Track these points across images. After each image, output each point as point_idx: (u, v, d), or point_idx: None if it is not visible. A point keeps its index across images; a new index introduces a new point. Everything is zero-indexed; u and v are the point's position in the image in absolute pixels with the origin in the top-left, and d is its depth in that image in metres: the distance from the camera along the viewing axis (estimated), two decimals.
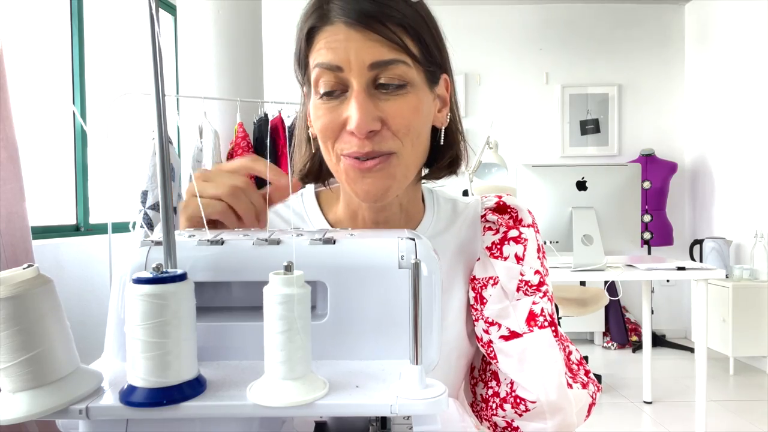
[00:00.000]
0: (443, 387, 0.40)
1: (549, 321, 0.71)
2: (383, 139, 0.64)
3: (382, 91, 0.63)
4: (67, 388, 0.38)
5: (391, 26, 0.62)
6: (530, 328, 0.71)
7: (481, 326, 0.73)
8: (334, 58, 0.62)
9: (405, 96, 0.64)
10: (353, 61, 0.61)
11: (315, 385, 0.39)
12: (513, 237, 0.74)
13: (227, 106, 3.07)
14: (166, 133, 0.42)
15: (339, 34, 0.62)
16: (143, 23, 0.44)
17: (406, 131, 0.64)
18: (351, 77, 0.62)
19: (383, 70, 0.62)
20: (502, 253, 0.74)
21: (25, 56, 2.57)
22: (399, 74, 0.63)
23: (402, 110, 0.63)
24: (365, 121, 0.61)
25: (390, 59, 0.62)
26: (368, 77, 0.62)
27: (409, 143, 0.65)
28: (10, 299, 0.36)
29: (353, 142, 0.63)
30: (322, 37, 0.63)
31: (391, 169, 0.65)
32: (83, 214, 2.88)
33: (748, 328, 3.42)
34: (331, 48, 0.62)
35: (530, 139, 4.59)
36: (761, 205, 3.70)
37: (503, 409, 0.71)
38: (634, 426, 2.82)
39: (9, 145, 1.77)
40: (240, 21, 3.20)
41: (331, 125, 0.64)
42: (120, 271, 0.47)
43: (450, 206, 0.80)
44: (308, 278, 0.40)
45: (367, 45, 0.61)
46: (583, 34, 4.60)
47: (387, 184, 0.66)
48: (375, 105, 0.62)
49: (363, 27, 0.61)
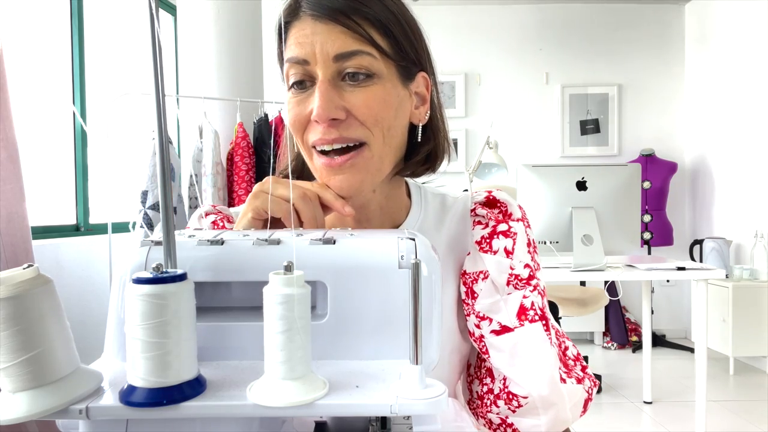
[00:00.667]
0: (443, 387, 0.40)
1: (540, 315, 0.71)
2: (350, 126, 0.65)
3: (348, 83, 0.64)
4: (67, 388, 0.38)
5: (357, 19, 0.63)
6: (521, 323, 0.70)
7: (473, 321, 0.72)
8: (300, 51, 0.64)
9: (371, 87, 0.65)
10: (318, 53, 0.63)
11: (315, 385, 0.39)
12: (502, 231, 0.74)
13: (227, 106, 3.07)
14: (166, 133, 0.42)
15: (306, 29, 0.64)
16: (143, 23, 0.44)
17: (374, 121, 0.65)
18: (317, 69, 0.64)
19: (347, 60, 0.63)
20: (491, 247, 0.73)
21: (25, 56, 2.57)
22: (364, 65, 0.64)
23: (367, 100, 0.64)
24: (326, 108, 0.62)
25: (354, 50, 0.63)
26: (333, 69, 0.64)
27: (380, 134, 0.66)
28: (10, 299, 0.36)
29: (318, 132, 0.65)
30: (292, 33, 0.66)
31: (362, 163, 0.66)
32: (83, 214, 2.88)
33: (748, 328, 3.42)
34: (299, 42, 0.64)
35: (530, 139, 4.59)
36: (761, 205, 3.70)
37: (497, 405, 0.70)
38: (634, 426, 2.82)
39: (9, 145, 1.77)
40: (240, 21, 3.20)
41: (298, 117, 0.66)
42: (120, 271, 0.47)
43: (438, 201, 0.79)
44: (308, 278, 0.40)
45: (331, 37, 0.63)
46: (583, 34, 4.60)
47: (359, 178, 0.66)
48: (339, 95, 0.64)
49: (328, 19, 0.63)
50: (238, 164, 2.96)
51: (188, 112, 3.03)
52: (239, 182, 2.96)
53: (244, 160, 2.97)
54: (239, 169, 2.96)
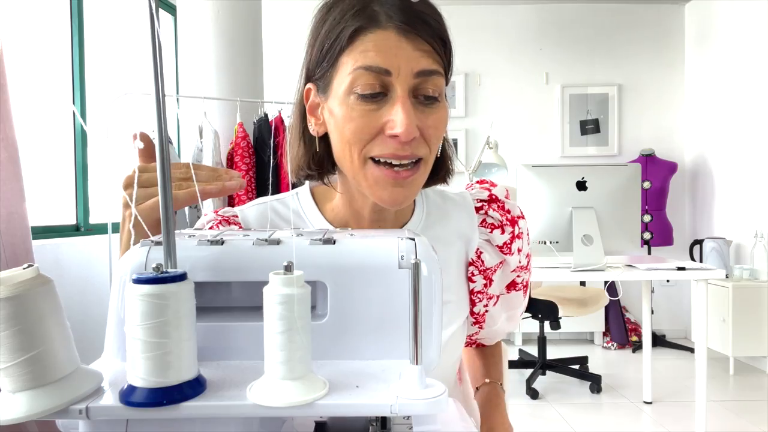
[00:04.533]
0: (443, 387, 0.40)
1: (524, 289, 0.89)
2: (419, 145, 0.66)
3: (419, 101, 0.65)
4: (67, 388, 0.38)
5: (436, 39, 0.65)
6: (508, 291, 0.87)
7: (482, 304, 0.84)
8: (384, 61, 0.63)
9: (439, 108, 0.67)
10: (402, 68, 0.63)
11: (315, 385, 0.39)
12: (517, 234, 0.83)
13: (227, 106, 3.07)
14: (166, 133, 0.42)
15: (390, 39, 0.63)
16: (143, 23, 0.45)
17: (436, 142, 0.68)
18: (396, 83, 0.63)
19: (425, 80, 0.64)
20: (510, 251, 0.83)
21: (25, 56, 2.57)
22: (436, 85, 0.66)
23: (436, 122, 0.66)
24: (412, 126, 0.63)
25: (433, 69, 0.65)
26: (411, 84, 0.64)
27: (434, 153, 0.69)
28: (10, 299, 0.36)
29: (391, 146, 0.64)
30: (370, 39, 0.63)
31: (419, 179, 0.69)
32: (83, 214, 2.88)
33: (748, 328, 3.42)
34: (381, 51, 0.63)
35: (530, 139, 4.58)
36: (761, 205, 3.70)
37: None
38: (634, 426, 2.82)
39: (9, 145, 1.77)
40: (240, 21, 3.20)
41: (367, 128, 0.64)
42: (120, 271, 0.47)
43: (438, 196, 0.84)
44: (308, 278, 0.40)
45: (415, 54, 0.63)
46: (583, 34, 4.59)
47: (412, 192, 0.69)
48: (415, 113, 0.64)
49: (414, 35, 0.63)
50: (238, 164, 2.96)
51: (188, 112, 3.03)
52: None
53: (244, 160, 2.97)
54: (239, 169, 2.96)
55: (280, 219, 0.78)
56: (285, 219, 0.78)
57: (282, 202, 0.80)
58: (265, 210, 0.78)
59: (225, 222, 0.76)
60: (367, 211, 0.74)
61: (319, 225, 0.77)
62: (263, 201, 0.81)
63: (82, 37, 2.91)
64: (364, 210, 0.74)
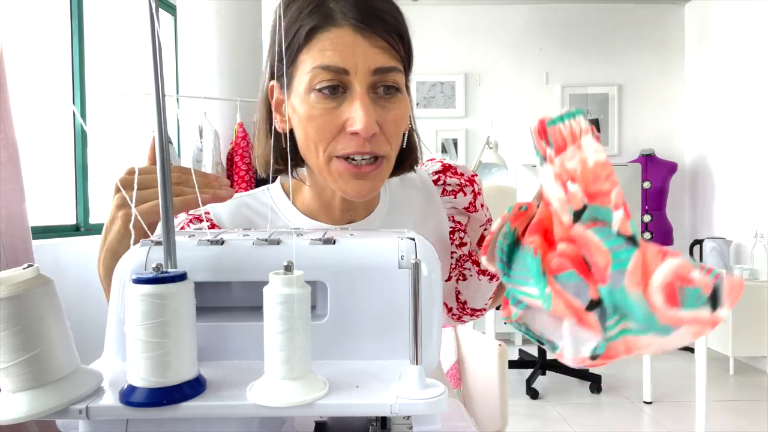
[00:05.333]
0: (443, 387, 0.40)
1: None
2: (379, 142, 0.67)
3: (379, 96, 0.66)
4: (67, 388, 0.38)
5: (393, 35, 0.65)
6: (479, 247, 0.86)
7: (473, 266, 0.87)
8: (341, 60, 0.63)
9: (398, 103, 0.67)
10: (360, 65, 0.63)
11: (315, 385, 0.39)
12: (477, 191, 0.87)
13: (227, 106, 3.07)
14: (166, 133, 0.42)
15: (346, 38, 0.63)
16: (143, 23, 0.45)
17: (396, 137, 0.69)
18: (354, 80, 0.64)
19: (383, 76, 0.65)
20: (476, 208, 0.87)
21: (25, 56, 2.57)
22: (395, 81, 0.66)
23: (396, 116, 0.67)
24: (371, 122, 0.63)
25: (390, 66, 0.65)
26: (369, 81, 0.64)
27: (395, 147, 0.70)
28: (10, 299, 0.36)
29: (352, 144, 0.65)
30: (327, 38, 0.64)
31: (382, 173, 0.69)
32: (83, 214, 2.88)
33: (748, 328, 3.42)
34: (338, 50, 0.63)
35: (530, 139, 4.57)
36: (761, 205, 3.70)
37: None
38: (634, 426, 2.82)
39: (9, 145, 1.77)
40: (240, 21, 3.20)
41: (329, 126, 0.65)
42: (120, 271, 0.47)
43: (398, 182, 0.85)
44: (308, 278, 0.40)
45: (372, 51, 0.64)
46: (583, 34, 4.59)
47: (377, 185, 0.70)
48: (374, 109, 0.65)
49: (371, 32, 0.63)
50: (238, 164, 2.96)
51: (188, 112, 3.03)
52: (239, 182, 2.95)
53: (244, 160, 2.97)
54: (239, 169, 2.96)
55: (253, 213, 0.79)
56: (258, 213, 0.79)
57: (254, 197, 0.81)
58: (237, 206, 0.79)
59: (196, 220, 0.76)
60: (336, 202, 0.76)
61: (293, 217, 0.78)
62: (235, 197, 0.81)
63: (82, 37, 2.91)
64: (333, 201, 0.76)
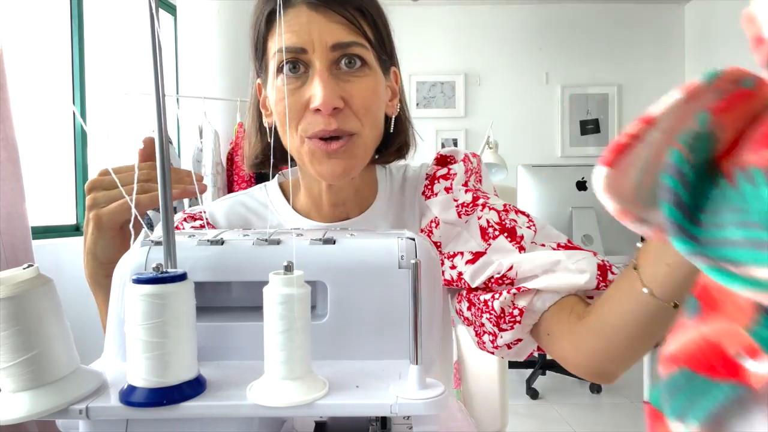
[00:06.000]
0: (443, 387, 0.40)
1: (500, 228, 0.70)
2: (346, 118, 0.66)
3: (342, 71, 0.65)
4: (67, 388, 0.38)
5: (351, 10, 0.64)
6: (487, 243, 0.70)
7: (447, 267, 0.71)
8: (297, 40, 0.64)
9: (365, 78, 0.66)
10: (316, 42, 0.63)
11: (315, 385, 0.39)
12: (441, 175, 0.76)
13: (227, 106, 3.07)
14: (166, 133, 0.42)
15: (301, 17, 0.64)
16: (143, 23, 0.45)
17: (366, 112, 0.67)
18: (314, 58, 0.64)
19: (344, 51, 0.64)
20: (433, 191, 0.75)
21: (25, 56, 2.57)
22: (359, 55, 0.65)
23: (362, 91, 0.66)
24: (330, 97, 0.63)
25: (350, 41, 0.64)
26: (330, 58, 0.64)
27: (368, 125, 0.68)
28: (10, 299, 0.36)
29: (318, 121, 0.65)
30: (284, 21, 0.65)
31: (354, 150, 0.67)
32: (83, 214, 2.88)
33: None
34: (294, 31, 0.64)
35: (530, 139, 4.58)
36: None
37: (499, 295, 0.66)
38: (634, 426, 2.82)
39: (9, 145, 1.77)
40: (240, 21, 3.20)
41: (294, 106, 0.65)
42: (120, 271, 0.47)
43: (401, 174, 0.81)
44: (308, 278, 0.40)
45: (329, 27, 0.64)
46: (583, 34, 4.59)
47: (350, 164, 0.68)
48: (337, 84, 0.64)
49: (325, 8, 0.63)
50: (238, 164, 2.96)
51: (188, 112, 3.03)
52: (239, 182, 2.96)
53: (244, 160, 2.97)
54: (239, 169, 2.96)
55: (247, 212, 0.79)
56: (253, 211, 0.79)
57: (249, 195, 0.81)
58: (233, 204, 0.79)
59: (190, 219, 0.77)
60: (324, 196, 0.75)
61: (288, 216, 0.77)
62: (231, 196, 0.82)
63: (82, 37, 2.91)
64: (321, 196, 0.75)
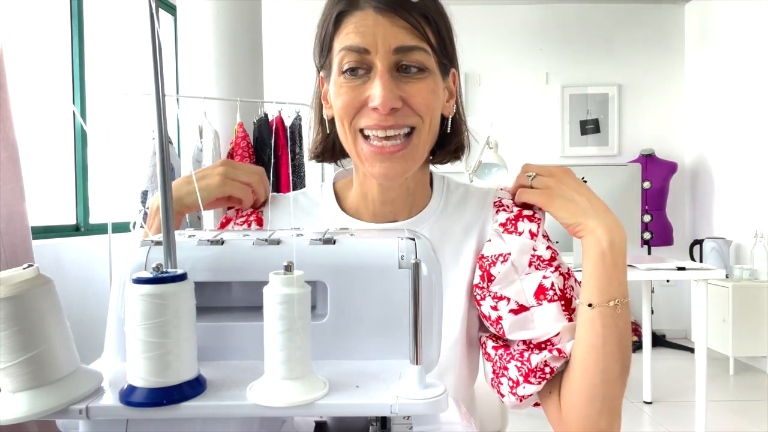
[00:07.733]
0: (443, 387, 0.40)
1: (559, 295, 0.71)
2: (405, 115, 0.69)
3: (403, 74, 0.68)
4: (67, 388, 0.38)
5: (416, 15, 0.67)
6: (539, 302, 0.71)
7: (488, 303, 0.72)
8: (362, 41, 0.67)
9: (424, 80, 0.69)
10: (380, 45, 0.67)
11: (315, 385, 0.39)
12: (527, 215, 0.77)
13: (227, 106, 3.06)
14: (166, 133, 0.42)
15: (368, 19, 0.67)
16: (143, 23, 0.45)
17: (426, 109, 0.69)
18: (376, 59, 0.67)
19: (405, 54, 0.68)
20: (516, 229, 0.75)
21: (25, 56, 2.57)
22: (419, 60, 0.68)
23: (421, 91, 0.69)
24: (388, 97, 0.66)
25: (413, 45, 0.68)
26: (392, 60, 0.67)
27: (428, 122, 0.70)
28: (10, 299, 0.36)
29: (374, 117, 0.68)
30: (351, 22, 0.68)
31: (410, 152, 0.70)
32: (83, 214, 2.88)
33: (748, 328, 3.42)
34: (360, 32, 0.67)
35: (530, 139, 4.58)
36: (761, 205, 3.70)
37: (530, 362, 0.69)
38: (634, 426, 2.82)
39: (9, 145, 1.77)
40: (240, 21, 3.19)
41: (352, 102, 0.69)
42: (120, 271, 0.47)
43: (462, 191, 0.83)
44: (308, 278, 0.40)
45: (393, 30, 0.67)
46: (583, 34, 4.59)
47: (405, 166, 0.71)
48: (397, 86, 0.68)
49: (391, 13, 0.67)
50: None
51: (188, 112, 3.03)
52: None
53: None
54: None
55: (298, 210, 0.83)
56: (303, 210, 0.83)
57: (304, 194, 0.85)
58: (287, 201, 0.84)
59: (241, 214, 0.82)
60: (375, 192, 0.77)
61: (332, 215, 0.80)
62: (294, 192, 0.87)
63: (82, 37, 2.91)
64: (372, 191, 0.77)
